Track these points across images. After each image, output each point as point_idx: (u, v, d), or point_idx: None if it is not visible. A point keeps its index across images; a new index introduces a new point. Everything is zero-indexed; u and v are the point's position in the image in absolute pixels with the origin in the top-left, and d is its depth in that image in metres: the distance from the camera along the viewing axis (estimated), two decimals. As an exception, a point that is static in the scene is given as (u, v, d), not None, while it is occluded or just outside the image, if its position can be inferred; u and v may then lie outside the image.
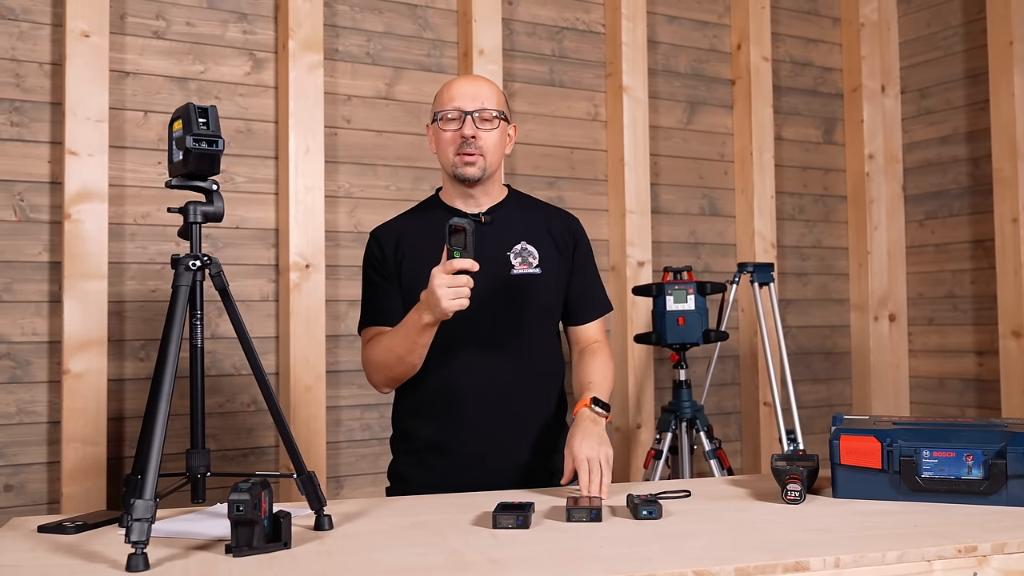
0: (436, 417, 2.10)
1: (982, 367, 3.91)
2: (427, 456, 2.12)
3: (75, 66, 2.82)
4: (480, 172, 2.09)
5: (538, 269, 2.14)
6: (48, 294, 2.85)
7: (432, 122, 2.15)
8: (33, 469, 2.81)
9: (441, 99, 2.12)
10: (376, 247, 2.19)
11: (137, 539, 1.32)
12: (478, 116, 2.07)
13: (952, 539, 1.48)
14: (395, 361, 2.04)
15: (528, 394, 2.14)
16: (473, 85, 2.12)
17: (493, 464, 2.08)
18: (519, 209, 2.22)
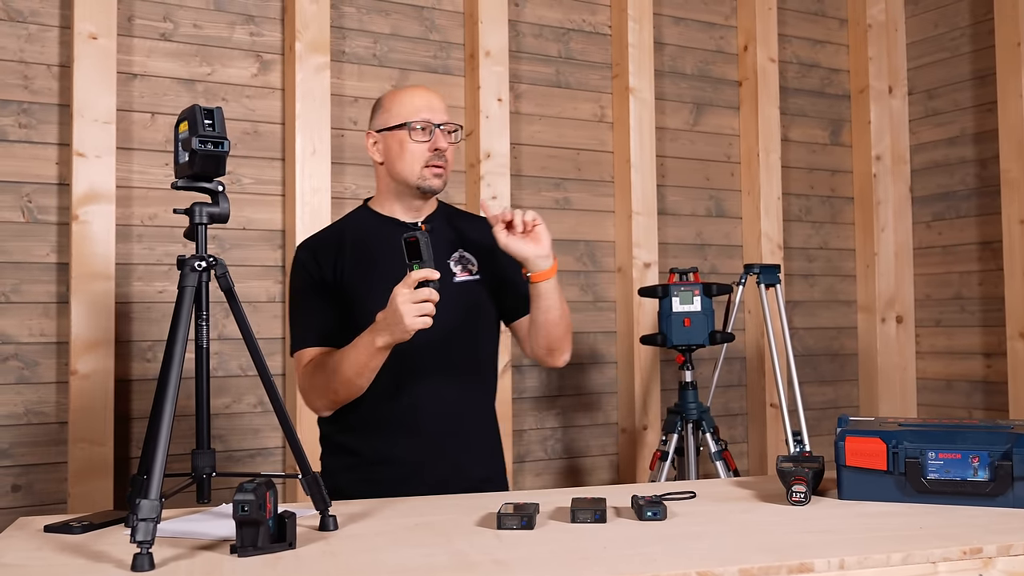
0: (386, 430, 2.05)
1: (990, 369, 3.90)
2: (376, 470, 2.05)
3: (83, 68, 2.83)
4: (443, 184, 2.10)
5: (478, 275, 2.14)
6: (56, 295, 2.86)
7: (383, 130, 2.09)
8: (40, 469, 2.82)
9: (402, 110, 2.07)
10: (311, 261, 2.10)
11: (142, 539, 1.32)
12: (445, 129, 2.07)
13: (957, 541, 1.48)
14: (342, 384, 1.96)
15: (476, 400, 2.15)
16: (436, 97, 2.11)
17: (443, 474, 2.04)
18: (451, 219, 2.22)
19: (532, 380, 3.60)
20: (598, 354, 3.73)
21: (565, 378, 3.66)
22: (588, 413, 3.71)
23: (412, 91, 2.13)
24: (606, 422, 3.74)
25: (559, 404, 3.65)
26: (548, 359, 2.20)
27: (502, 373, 3.37)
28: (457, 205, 3.44)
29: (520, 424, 3.54)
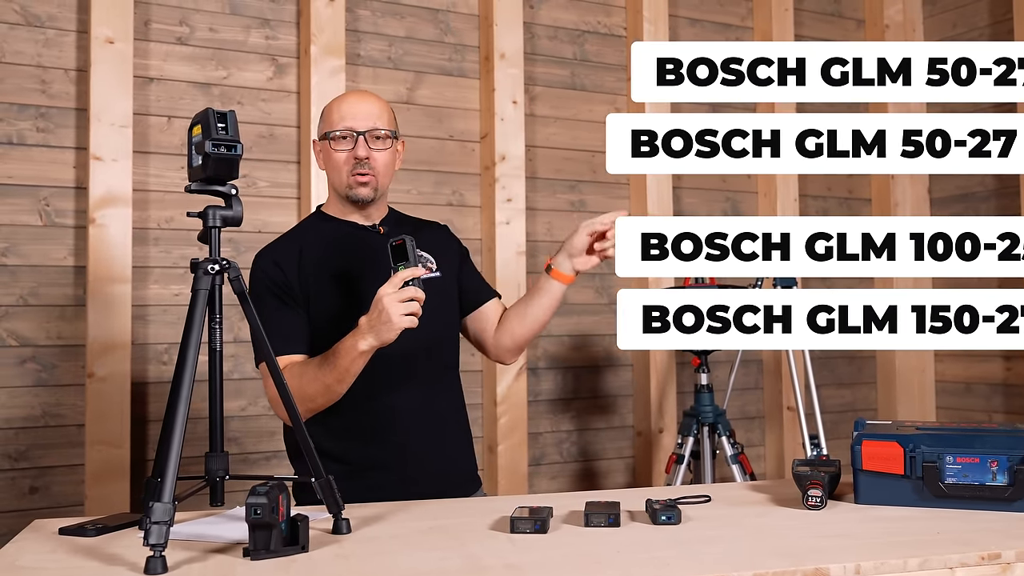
0: (368, 433, 2.03)
1: (1009, 371, 3.86)
2: (363, 475, 2.01)
3: (100, 72, 2.85)
4: (373, 193, 2.08)
5: (438, 273, 2.16)
6: (73, 298, 2.87)
7: (320, 139, 2.11)
8: (58, 472, 2.84)
9: (330, 118, 2.08)
10: (274, 268, 2.05)
11: (155, 542, 1.33)
12: (370, 135, 2.05)
13: (975, 546, 1.46)
14: (320, 392, 1.92)
15: (449, 397, 2.15)
16: (363, 103, 2.08)
17: (422, 471, 2.03)
18: (404, 222, 2.24)
19: (547, 383, 3.59)
20: (614, 356, 3.72)
21: (580, 380, 3.65)
22: (604, 416, 3.70)
23: (341, 99, 2.12)
24: (622, 425, 3.73)
25: (574, 407, 3.64)
26: (505, 355, 2.25)
27: (517, 375, 3.37)
28: (472, 207, 3.46)
29: (535, 427, 3.53)
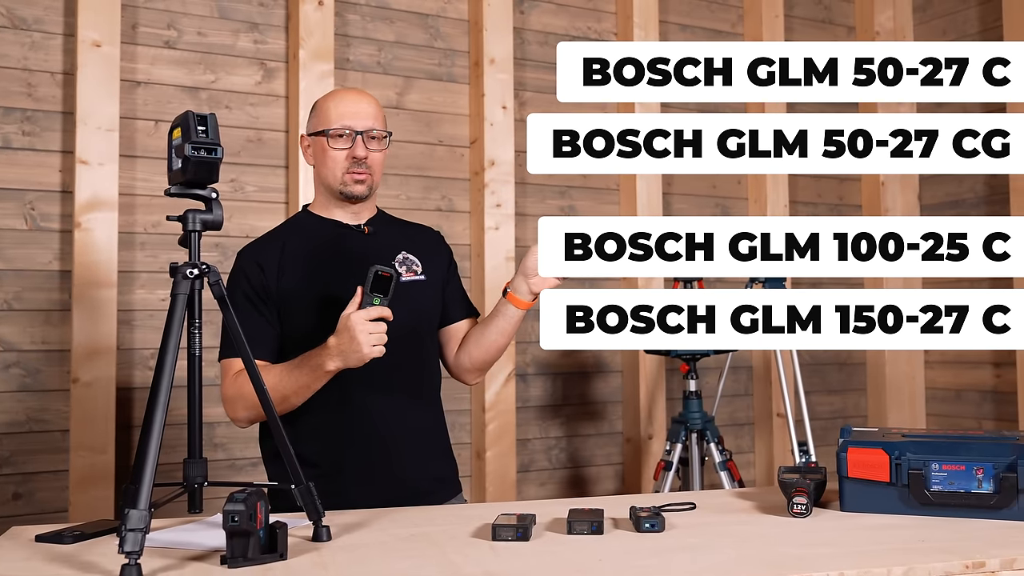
0: (339, 437, 2.01)
1: (999, 379, 3.86)
2: (333, 479, 1.97)
3: (86, 76, 2.84)
4: (368, 190, 2.09)
5: (423, 276, 2.14)
6: (58, 303, 2.85)
7: (312, 135, 2.11)
8: (42, 477, 2.81)
9: (328, 115, 2.08)
10: (254, 268, 2.04)
11: (130, 549, 1.31)
12: (367, 135, 2.06)
13: (960, 554, 1.45)
14: (276, 400, 1.86)
15: (423, 401, 2.13)
16: (361, 102, 2.09)
17: (398, 477, 2.02)
18: (391, 223, 2.23)
19: (536, 389, 3.58)
20: (603, 363, 3.71)
21: (569, 387, 3.64)
22: (593, 422, 3.69)
23: (338, 96, 2.12)
24: (611, 431, 3.72)
25: (564, 413, 3.62)
26: (466, 376, 2.24)
27: (505, 382, 3.35)
28: (461, 213, 3.44)
29: (524, 433, 3.52)
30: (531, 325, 3.55)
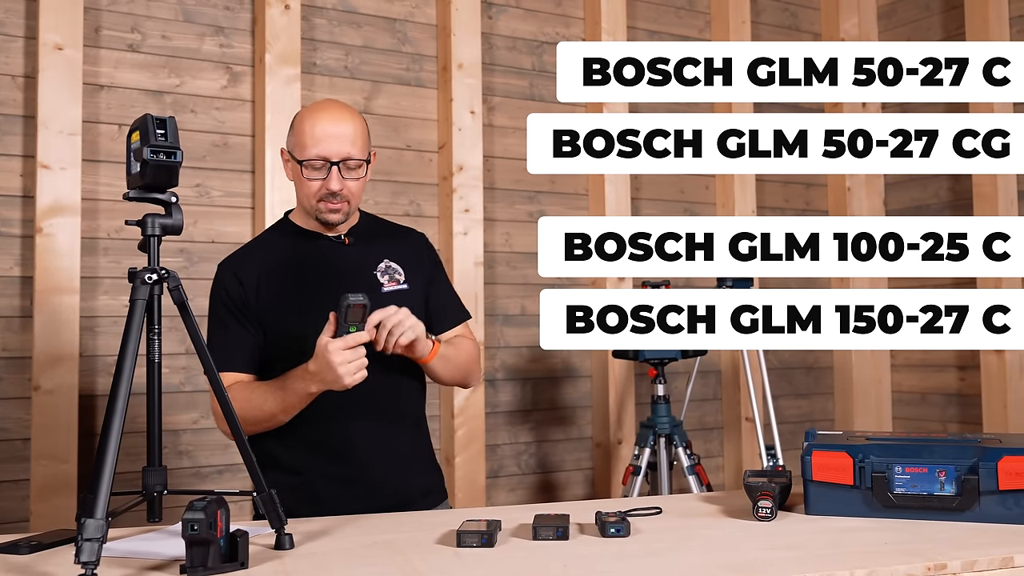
0: (325, 448, 2.00)
1: (964, 382, 3.90)
2: (318, 487, 2.00)
3: (48, 79, 2.80)
4: (344, 218, 2.04)
5: (406, 285, 2.10)
6: (19, 309, 2.81)
7: (290, 156, 2.04)
8: (2, 487, 2.77)
9: (303, 139, 1.98)
10: (233, 282, 2.03)
11: (87, 559, 1.28)
12: (343, 166, 1.98)
13: (922, 557, 1.46)
14: (263, 418, 1.91)
15: (413, 411, 2.11)
16: (337, 125, 1.99)
17: (383, 488, 2.01)
18: (374, 229, 2.18)
19: (505, 395, 3.57)
20: (572, 368, 3.70)
21: (539, 392, 3.64)
22: (562, 427, 3.69)
23: (315, 116, 2.01)
24: (580, 436, 3.72)
25: (533, 418, 3.62)
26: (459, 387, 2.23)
27: (475, 387, 3.34)
28: (430, 218, 3.43)
29: (493, 439, 3.51)
30: (500, 330, 3.54)
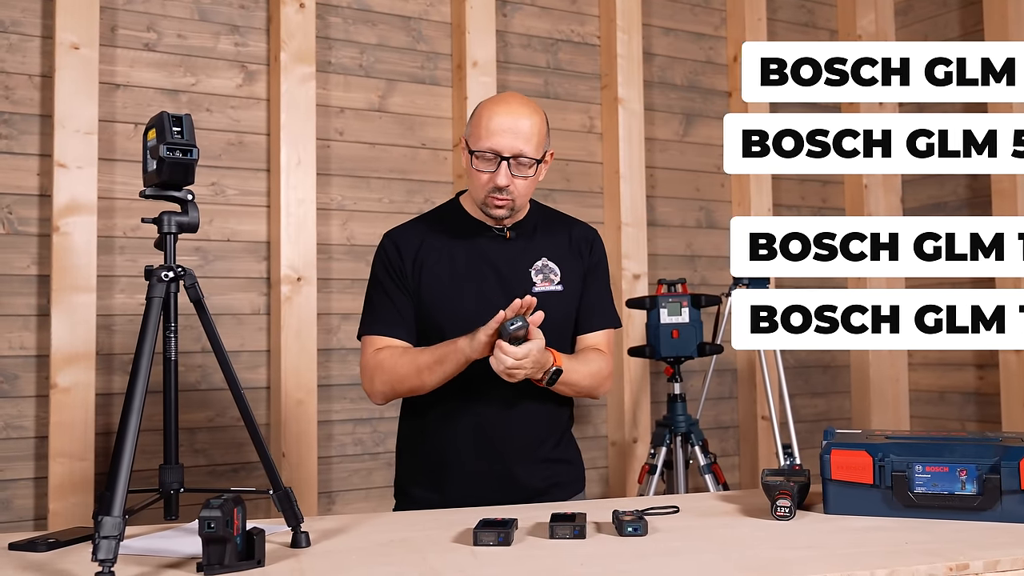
0: (448, 434, 2.05)
1: (982, 380, 3.86)
2: (436, 473, 2.07)
3: (65, 78, 2.81)
4: (509, 214, 2.03)
5: (559, 286, 2.09)
6: (36, 308, 2.82)
7: (465, 146, 2.04)
8: (20, 485, 2.78)
9: (478, 130, 1.98)
10: (394, 251, 2.09)
11: (104, 557, 1.29)
12: (515, 163, 1.97)
13: (943, 556, 1.45)
14: (411, 375, 1.99)
15: (543, 412, 2.10)
16: (513, 119, 1.96)
17: (504, 482, 2.04)
18: (542, 224, 2.16)
19: (521, 393, 3.55)
20: (587, 366, 3.69)
21: (554, 391, 3.62)
22: (578, 426, 3.64)
23: (493, 111, 1.99)
24: (596, 435, 3.70)
25: (548, 417, 3.60)
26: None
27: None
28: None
29: (508, 437, 3.49)
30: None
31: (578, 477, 2.21)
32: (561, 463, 2.16)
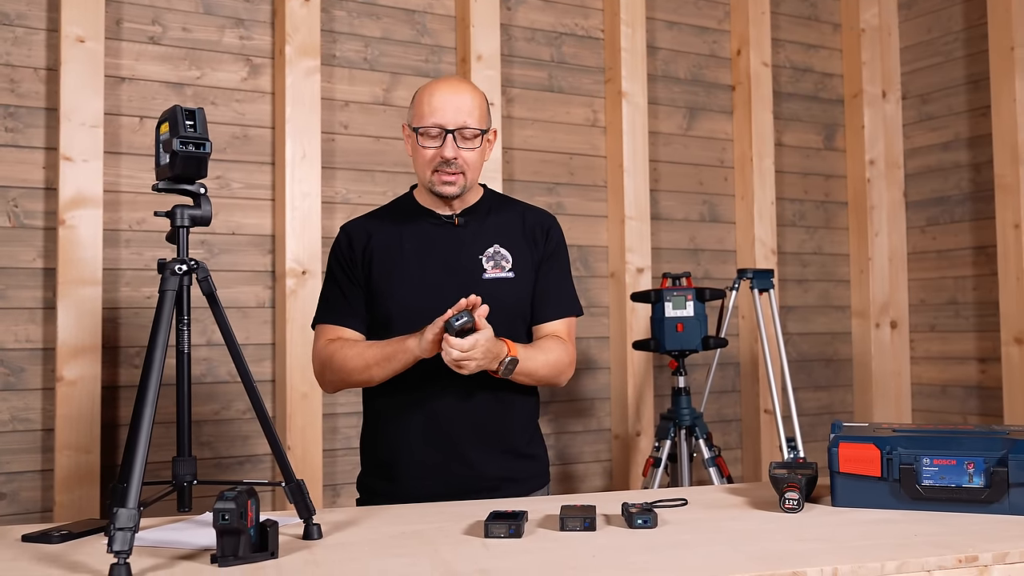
0: (404, 426, 2.06)
1: (984, 374, 3.88)
2: (392, 466, 2.08)
3: (70, 71, 2.81)
4: (459, 190, 2.04)
5: (511, 273, 2.08)
6: (42, 301, 2.83)
7: (410, 128, 2.07)
8: (26, 477, 2.79)
9: (420, 109, 2.02)
10: (346, 243, 2.13)
11: (119, 549, 1.29)
12: (459, 134, 2.00)
13: (952, 549, 1.46)
14: (360, 369, 2.01)
15: (498, 400, 2.09)
16: (455, 95, 2.01)
17: (459, 472, 2.04)
18: (493, 211, 2.16)
19: (524, 386, 3.56)
20: (591, 360, 3.70)
21: (558, 384, 3.63)
22: (581, 419, 3.68)
23: (434, 86, 2.04)
24: (599, 428, 3.71)
25: (551, 410, 3.61)
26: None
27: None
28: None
29: (512, 430, 3.50)
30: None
31: (539, 472, 2.19)
32: (523, 458, 2.14)
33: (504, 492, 2.04)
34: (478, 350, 1.86)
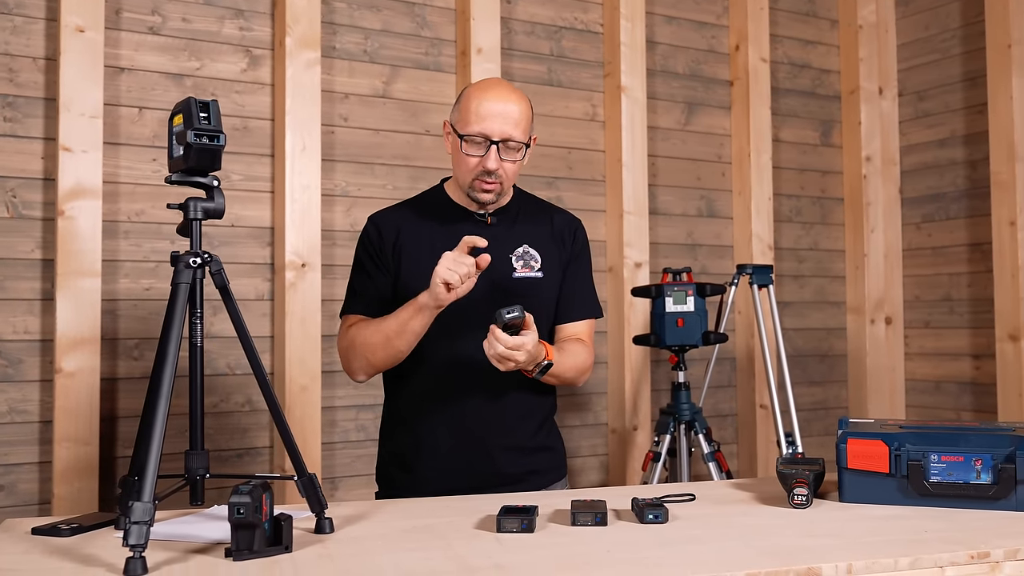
0: (428, 420, 2.07)
1: (979, 371, 3.90)
2: (413, 460, 2.09)
3: (69, 61, 2.78)
4: (495, 199, 2.06)
5: (540, 273, 2.11)
6: (41, 292, 2.81)
7: (452, 129, 2.06)
8: (24, 469, 2.77)
9: (467, 116, 2.01)
10: (375, 233, 2.13)
11: (136, 542, 1.29)
12: (503, 146, 1.99)
13: (964, 545, 1.46)
14: (381, 343, 1.99)
15: (523, 400, 2.11)
16: (503, 104, 1.99)
17: (481, 469, 2.06)
18: (524, 211, 2.18)
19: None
20: (589, 354, 3.70)
21: (555, 378, 3.63)
22: (578, 413, 3.69)
23: (482, 96, 2.02)
24: (596, 422, 3.72)
25: (549, 404, 3.61)
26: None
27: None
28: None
29: (510, 424, 3.50)
30: (517, 316, 3.53)
31: (558, 465, 2.22)
32: (542, 451, 2.17)
33: (525, 486, 2.07)
34: (522, 352, 1.86)
